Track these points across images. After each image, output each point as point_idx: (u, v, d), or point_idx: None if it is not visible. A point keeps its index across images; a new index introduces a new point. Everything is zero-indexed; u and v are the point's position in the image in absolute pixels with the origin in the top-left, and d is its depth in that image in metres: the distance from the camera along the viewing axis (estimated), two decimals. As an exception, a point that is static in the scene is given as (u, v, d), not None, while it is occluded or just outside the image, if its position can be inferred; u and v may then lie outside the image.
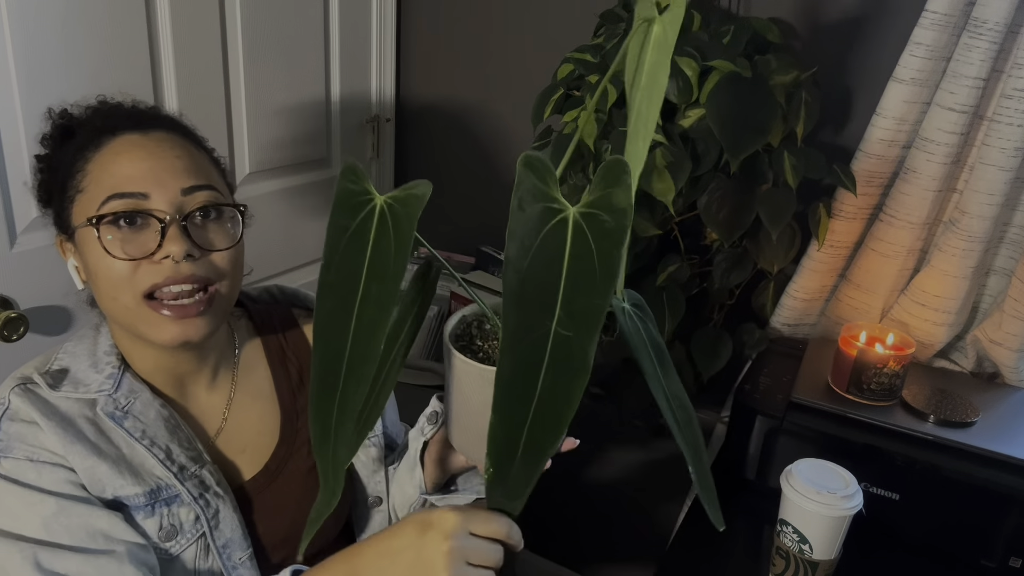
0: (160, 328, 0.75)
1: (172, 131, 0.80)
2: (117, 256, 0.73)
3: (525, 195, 0.53)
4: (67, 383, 0.77)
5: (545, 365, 0.51)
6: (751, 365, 1.28)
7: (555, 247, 0.52)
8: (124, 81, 1.19)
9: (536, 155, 0.54)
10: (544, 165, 0.54)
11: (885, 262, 1.23)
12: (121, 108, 0.82)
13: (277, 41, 1.44)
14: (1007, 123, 1.07)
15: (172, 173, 0.76)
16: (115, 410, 0.77)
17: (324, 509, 0.56)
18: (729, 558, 1.06)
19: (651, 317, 0.63)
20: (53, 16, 1.08)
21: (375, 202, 0.57)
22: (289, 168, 1.55)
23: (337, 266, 0.56)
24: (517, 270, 0.52)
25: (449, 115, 1.72)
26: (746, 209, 1.15)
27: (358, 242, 0.56)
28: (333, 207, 0.56)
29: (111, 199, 0.74)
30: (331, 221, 0.56)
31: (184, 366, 0.83)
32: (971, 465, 0.99)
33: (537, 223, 0.53)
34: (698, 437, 0.61)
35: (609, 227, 0.52)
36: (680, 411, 0.60)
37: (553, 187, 0.54)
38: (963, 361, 1.27)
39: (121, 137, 0.77)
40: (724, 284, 1.30)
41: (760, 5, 1.31)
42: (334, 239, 0.56)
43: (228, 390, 0.88)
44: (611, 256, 0.51)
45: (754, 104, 1.09)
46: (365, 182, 0.57)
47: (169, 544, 0.77)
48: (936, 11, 1.08)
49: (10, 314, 1.08)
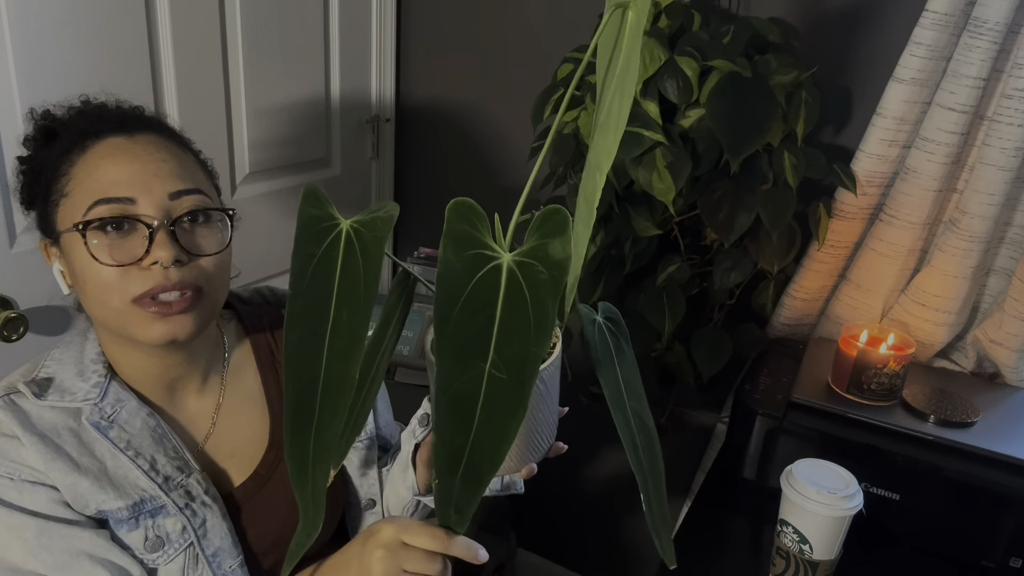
0: (148, 327, 0.74)
1: (158, 133, 0.79)
2: (104, 262, 0.72)
3: (456, 241, 0.52)
4: (53, 391, 0.76)
5: (481, 402, 0.51)
6: (751, 365, 1.28)
7: (488, 294, 0.51)
8: (124, 81, 1.19)
9: (467, 202, 0.53)
10: (475, 212, 0.53)
11: (885, 262, 1.23)
12: (105, 109, 0.80)
13: (277, 41, 1.44)
14: (1007, 123, 1.07)
15: (159, 177, 0.74)
16: (100, 419, 0.76)
17: (305, 541, 0.57)
18: (729, 558, 1.06)
19: (625, 334, 0.62)
20: (53, 16, 1.08)
21: (341, 227, 0.55)
22: (289, 168, 1.55)
23: (304, 295, 0.55)
24: (446, 317, 0.51)
25: (449, 115, 1.72)
26: (746, 209, 1.15)
27: (325, 269, 0.54)
28: (296, 235, 0.55)
29: (97, 204, 0.72)
30: (295, 248, 0.54)
31: (173, 370, 0.82)
32: (971, 465, 0.99)
33: (469, 269, 0.51)
34: (656, 463, 0.60)
35: (543, 278, 0.51)
36: (641, 432, 0.59)
37: (485, 234, 0.53)
38: (963, 361, 1.27)
39: (106, 140, 0.75)
40: (724, 284, 1.29)
41: (760, 5, 1.31)
42: (300, 267, 0.54)
43: (217, 394, 0.87)
44: (545, 306, 0.51)
45: (754, 104, 1.09)
46: (328, 207, 0.55)
47: (156, 555, 0.77)
48: (936, 11, 1.08)
49: (10, 314, 1.08)
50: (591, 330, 0.60)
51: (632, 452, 0.58)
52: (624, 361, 0.61)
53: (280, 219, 1.55)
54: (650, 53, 1.13)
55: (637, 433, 0.59)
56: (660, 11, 1.21)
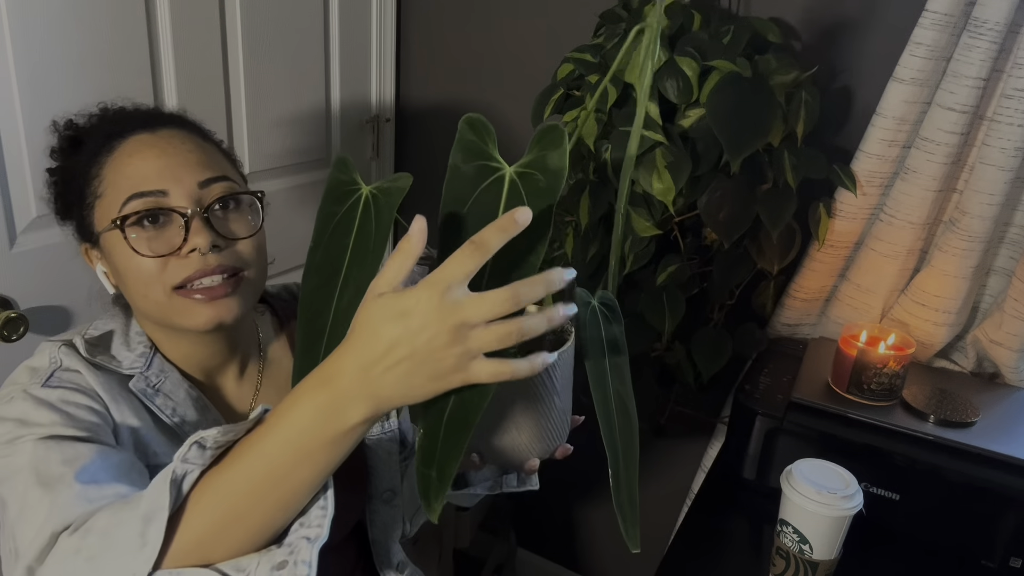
0: (194, 313, 0.75)
1: (180, 127, 0.81)
2: (144, 254, 0.74)
3: (466, 150, 0.56)
4: (103, 355, 0.78)
5: None
6: (751, 365, 1.28)
7: (490, 203, 0.55)
8: (124, 82, 1.19)
9: (478, 117, 0.56)
10: (485, 126, 0.57)
11: (885, 262, 1.23)
12: (125, 111, 0.83)
13: (277, 42, 1.44)
14: (1007, 123, 1.07)
15: (187, 168, 0.76)
16: (146, 387, 0.78)
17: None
18: (729, 558, 1.06)
19: (619, 320, 0.63)
20: (53, 17, 1.08)
21: (361, 191, 0.60)
22: (289, 168, 1.55)
23: (324, 248, 0.61)
24: (451, 222, 0.55)
25: (449, 115, 1.72)
26: (746, 209, 1.15)
27: (344, 227, 0.60)
28: (324, 194, 0.61)
29: (131, 199, 0.74)
30: (321, 207, 0.61)
31: (215, 358, 0.84)
32: (971, 465, 0.99)
33: (474, 179, 0.56)
34: (631, 445, 0.60)
35: (542, 186, 0.54)
36: (621, 415, 0.60)
37: (492, 147, 0.56)
38: (963, 361, 1.27)
39: (132, 138, 0.77)
40: (724, 284, 1.29)
41: (760, 5, 1.31)
42: (322, 223, 0.61)
43: (255, 382, 0.89)
44: (544, 214, 0.54)
45: (754, 104, 1.09)
46: (353, 173, 0.61)
47: None
48: (936, 11, 1.08)
49: (10, 314, 1.08)
50: (584, 312, 0.61)
51: (607, 431, 0.58)
52: (614, 344, 0.62)
53: (281, 219, 1.55)
54: (650, 53, 1.13)
55: (616, 414, 0.59)
56: (660, 11, 1.21)
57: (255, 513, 0.58)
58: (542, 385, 0.64)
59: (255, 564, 0.58)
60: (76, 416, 0.71)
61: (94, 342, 0.79)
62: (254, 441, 0.58)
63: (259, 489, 0.57)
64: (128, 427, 0.75)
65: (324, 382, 0.56)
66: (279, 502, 0.58)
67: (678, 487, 1.62)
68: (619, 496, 0.59)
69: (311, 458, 0.57)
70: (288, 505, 0.59)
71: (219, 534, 0.58)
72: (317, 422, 0.56)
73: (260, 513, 0.58)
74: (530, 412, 0.66)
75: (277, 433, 0.57)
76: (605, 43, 1.23)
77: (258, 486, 0.57)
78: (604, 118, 1.18)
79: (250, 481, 0.58)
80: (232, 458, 0.59)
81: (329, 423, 0.56)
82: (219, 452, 0.60)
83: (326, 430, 0.56)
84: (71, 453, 0.67)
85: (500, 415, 0.68)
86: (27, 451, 0.67)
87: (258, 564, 0.58)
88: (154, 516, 0.57)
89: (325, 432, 0.56)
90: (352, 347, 0.54)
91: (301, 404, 0.56)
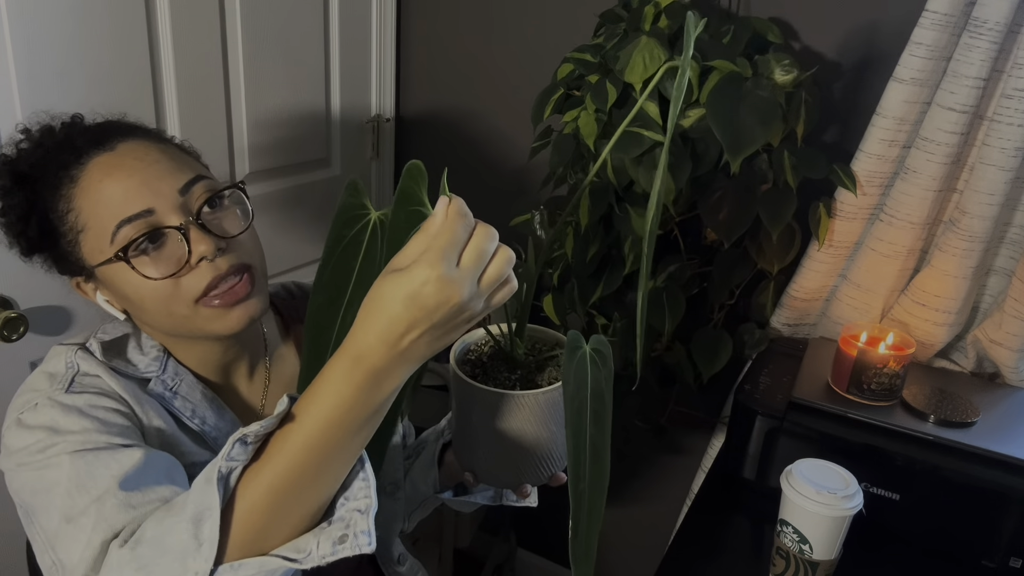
0: (222, 319, 0.76)
1: (132, 136, 0.77)
2: (156, 278, 0.73)
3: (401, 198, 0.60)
4: (118, 358, 0.78)
5: None
6: (751, 365, 1.28)
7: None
8: (124, 82, 1.19)
9: (415, 164, 0.59)
10: (420, 172, 0.60)
11: (885, 262, 1.23)
12: (67, 134, 0.77)
13: (277, 42, 1.44)
14: (1007, 123, 1.07)
15: (161, 179, 0.74)
16: (164, 390, 0.78)
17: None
18: (729, 558, 1.06)
19: (609, 367, 0.62)
20: (53, 19, 1.08)
21: (370, 216, 0.64)
22: (289, 168, 1.55)
23: (332, 268, 0.64)
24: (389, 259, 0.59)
25: (449, 115, 1.72)
26: (746, 209, 1.15)
27: (351, 250, 0.64)
28: (334, 217, 0.64)
29: (121, 227, 0.72)
30: (332, 227, 0.64)
31: (227, 357, 0.84)
32: (971, 465, 0.99)
33: (406, 222, 0.59)
34: (598, 498, 0.59)
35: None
36: (593, 464, 0.59)
37: (422, 191, 0.61)
38: (963, 361, 1.27)
39: (91, 163, 0.74)
40: (724, 284, 1.30)
41: (760, 5, 1.31)
42: (332, 245, 0.64)
43: (264, 380, 0.90)
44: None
45: (754, 104, 1.09)
46: (364, 198, 0.64)
47: None
48: (936, 11, 1.08)
49: (10, 314, 1.08)
50: (571, 360, 0.59)
51: (573, 480, 0.58)
52: (597, 390, 0.60)
53: (281, 219, 1.55)
54: (650, 53, 1.13)
55: (588, 463, 0.58)
56: (660, 11, 1.21)
57: (304, 495, 0.60)
58: (536, 419, 0.65)
59: (315, 543, 0.60)
60: (107, 421, 0.71)
61: (108, 346, 0.79)
62: (293, 429, 0.60)
63: (307, 472, 0.59)
64: (155, 428, 0.75)
65: (356, 361, 0.57)
66: (326, 480, 0.61)
67: (678, 487, 1.62)
68: (576, 548, 0.58)
69: (360, 431, 0.60)
70: (337, 480, 0.62)
71: (272, 521, 0.60)
72: (359, 398, 0.58)
73: (309, 494, 0.60)
74: (523, 443, 0.67)
75: (317, 416, 0.59)
76: (605, 43, 1.23)
77: (306, 469, 0.59)
78: (604, 118, 1.18)
79: (297, 466, 0.59)
80: (273, 448, 0.60)
81: (372, 396, 0.58)
82: (258, 446, 0.61)
83: (369, 403, 0.58)
84: (110, 460, 0.68)
85: (494, 445, 0.69)
86: (64, 463, 0.68)
87: (318, 543, 0.60)
88: (204, 516, 0.59)
89: (369, 405, 0.59)
90: (373, 326, 0.56)
91: (337, 385, 0.58)
